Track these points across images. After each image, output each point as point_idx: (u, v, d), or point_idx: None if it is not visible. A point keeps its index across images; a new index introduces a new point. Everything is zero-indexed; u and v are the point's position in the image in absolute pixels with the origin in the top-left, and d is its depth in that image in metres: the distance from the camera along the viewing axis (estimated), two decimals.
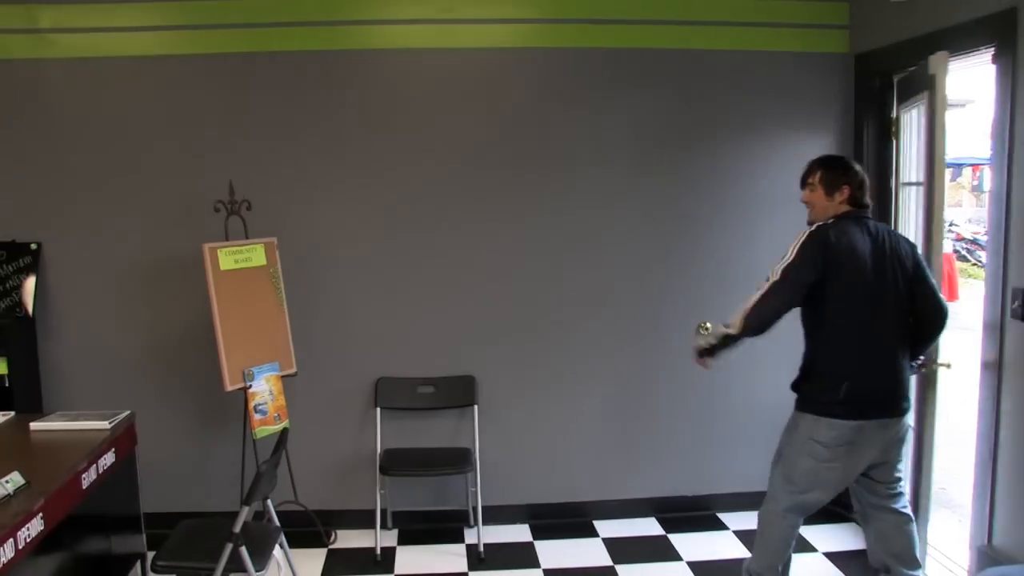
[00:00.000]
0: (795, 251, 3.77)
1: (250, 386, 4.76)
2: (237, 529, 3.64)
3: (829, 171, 3.94)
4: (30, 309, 5.20)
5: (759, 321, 3.83)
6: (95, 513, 3.99)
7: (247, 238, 4.98)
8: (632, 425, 5.44)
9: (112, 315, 5.29)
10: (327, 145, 5.18)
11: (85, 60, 5.17)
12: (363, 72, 5.17)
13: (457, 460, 5.11)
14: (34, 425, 4.33)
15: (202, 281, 4.70)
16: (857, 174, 3.93)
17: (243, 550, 3.66)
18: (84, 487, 3.86)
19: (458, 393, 5.26)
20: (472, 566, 4.89)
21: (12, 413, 4.56)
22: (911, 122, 4.96)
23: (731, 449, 5.50)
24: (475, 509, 5.20)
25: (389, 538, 5.24)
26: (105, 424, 4.23)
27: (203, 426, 5.33)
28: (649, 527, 5.37)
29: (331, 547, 5.16)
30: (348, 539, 5.23)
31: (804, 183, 4.02)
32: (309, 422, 5.23)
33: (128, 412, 4.45)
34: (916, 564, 3.95)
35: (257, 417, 4.79)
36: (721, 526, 5.35)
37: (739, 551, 4.98)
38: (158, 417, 5.15)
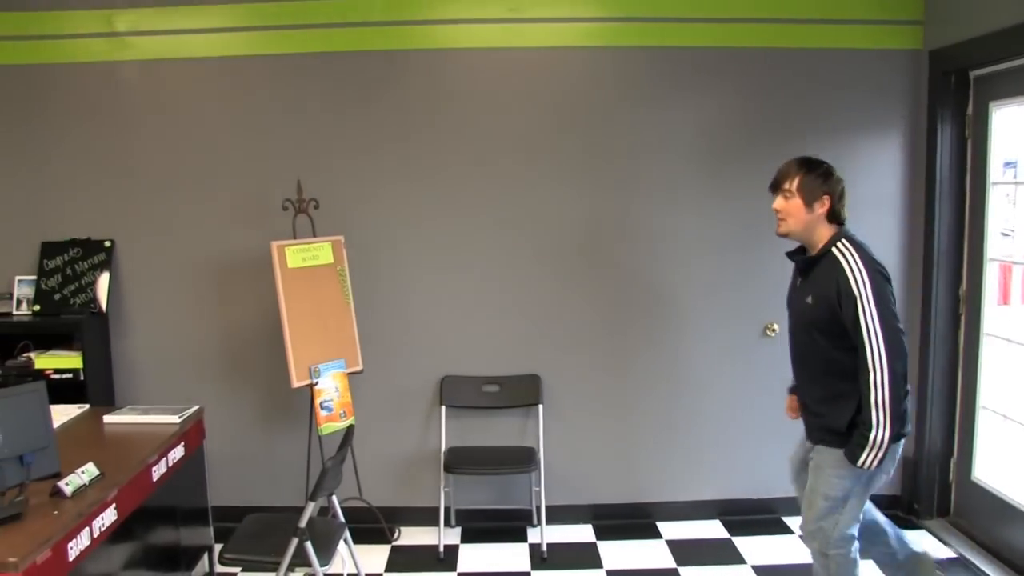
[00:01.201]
0: (873, 298, 3.37)
1: (316, 383, 4.81)
2: (303, 524, 3.68)
3: (809, 176, 3.56)
4: (103, 305, 5.30)
5: (900, 406, 3.38)
6: (165, 505, 4.07)
7: (314, 236, 5.03)
8: (698, 426, 5.40)
9: (182, 312, 5.38)
10: (394, 144, 5.21)
11: (158, 62, 5.27)
12: (429, 72, 5.19)
13: (521, 459, 5.12)
14: (107, 418, 4.43)
15: (270, 279, 4.76)
16: (839, 182, 3.59)
17: (308, 545, 3.70)
18: (154, 479, 3.94)
19: (523, 392, 5.26)
20: (535, 565, 4.89)
21: (87, 406, 4.68)
22: (998, 120, 4.84)
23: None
24: (538, 508, 5.19)
25: (452, 536, 5.26)
26: (175, 419, 4.31)
27: (269, 422, 5.40)
28: (713, 529, 5.33)
29: (394, 544, 5.19)
30: (411, 536, 5.27)
31: (777, 188, 3.64)
32: (374, 419, 5.27)
33: (197, 407, 4.53)
34: None
35: (323, 414, 4.83)
36: (786, 530, 5.29)
37: (805, 555, 4.90)
38: (226, 412, 5.23)
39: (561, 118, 5.20)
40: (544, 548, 5.03)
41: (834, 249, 3.52)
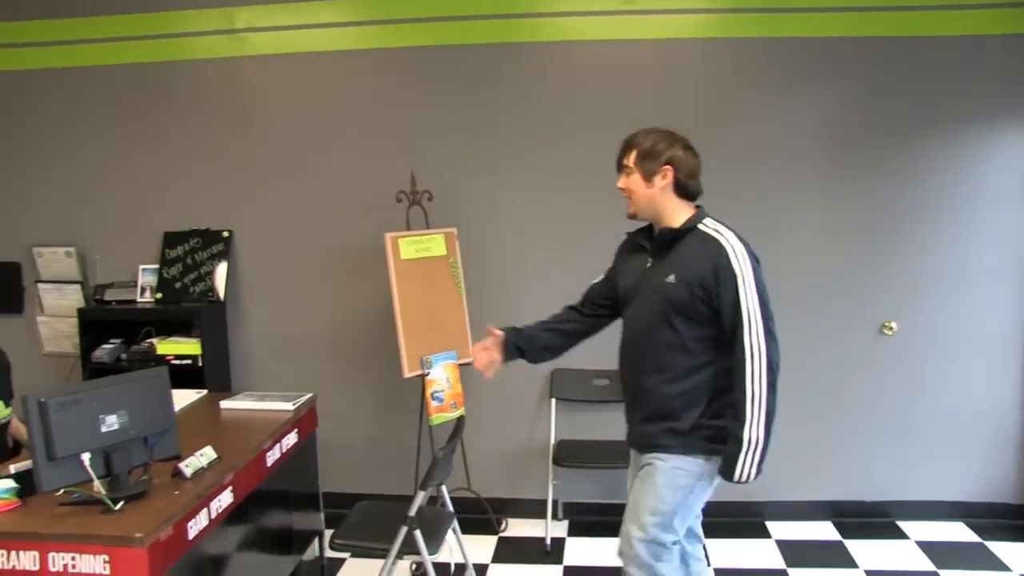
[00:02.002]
0: (753, 281, 3.13)
1: (428, 373, 4.85)
2: (412, 513, 3.72)
3: (646, 147, 3.29)
4: (221, 294, 5.44)
5: (775, 401, 3.07)
6: (278, 490, 4.14)
7: (428, 228, 5.08)
8: (810, 425, 5.28)
9: (297, 301, 5.48)
10: (506, 136, 5.23)
11: (276, 57, 5.40)
12: (542, 65, 5.20)
13: (629, 454, 5.07)
14: (224, 404, 4.54)
15: (383, 270, 4.83)
16: (687, 152, 3.30)
17: (417, 533, 3.73)
18: (268, 464, 4.02)
19: None
20: None
21: (205, 391, 4.80)
22: None
23: (917, 455, 5.30)
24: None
25: (559, 529, 5.27)
26: (289, 406, 4.39)
27: (380, 411, 5.47)
28: (825, 531, 5.22)
29: (501, 535, 5.21)
30: (518, 528, 5.29)
31: (620, 166, 3.39)
32: (484, 411, 5.30)
33: (310, 395, 4.61)
34: None
35: (434, 404, 4.88)
36: (901, 535, 5.15)
37: (922, 562, 4.78)
38: (338, 401, 5.32)
39: (675, 111, 5.12)
40: None
41: (701, 226, 3.24)
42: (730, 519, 5.29)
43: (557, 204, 5.25)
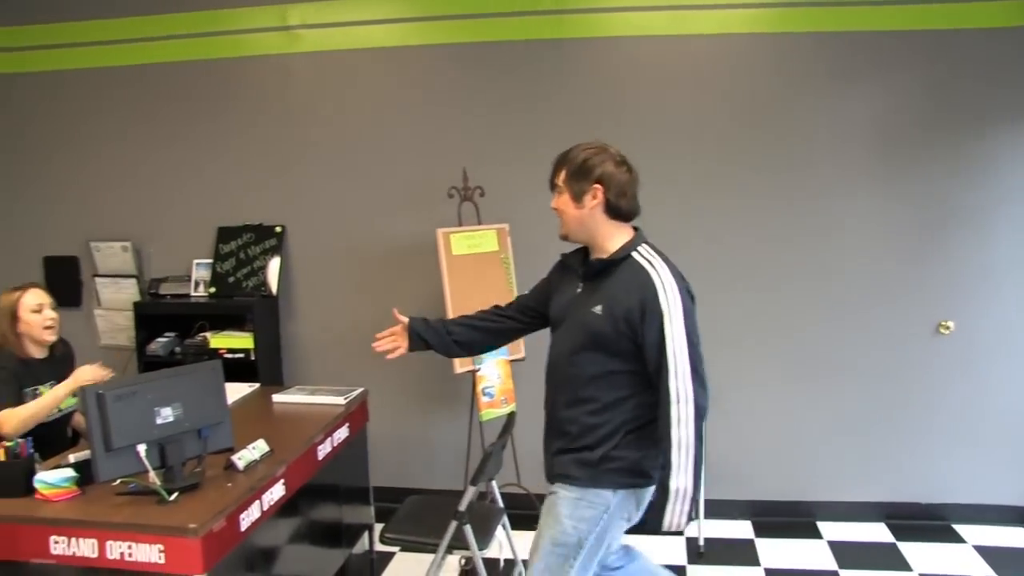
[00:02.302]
0: (682, 320, 2.91)
1: (479, 369, 4.86)
2: (463, 507, 3.71)
3: (575, 166, 3.07)
4: (274, 288, 5.49)
5: (702, 448, 2.93)
6: (329, 483, 4.17)
7: (479, 224, 5.09)
8: (868, 425, 5.22)
9: (348, 295, 5.51)
10: (559, 133, 5.18)
11: (328, 53, 5.44)
12: (595, 61, 5.18)
13: None
14: (276, 397, 4.58)
15: (435, 265, 4.84)
16: (620, 170, 3.06)
17: (467, 528, 3.72)
18: (320, 458, 4.06)
19: None
20: (691, 560, 4.83)
21: (257, 385, 4.85)
22: None
23: (975, 457, 5.20)
24: (697, 502, 5.11)
25: None
26: (340, 400, 4.42)
27: (431, 407, 5.49)
28: (878, 533, 5.15)
29: None
30: None
31: (552, 185, 3.16)
32: (534, 407, 5.23)
33: (361, 389, 4.64)
34: None
35: (484, 400, 4.88)
36: (957, 538, 5.06)
37: (978, 567, 4.69)
38: (389, 396, 5.34)
39: (727, 108, 5.10)
40: (701, 542, 4.95)
41: (635, 255, 3.03)
42: (781, 519, 5.26)
43: None
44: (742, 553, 4.90)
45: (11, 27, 5.91)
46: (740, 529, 5.20)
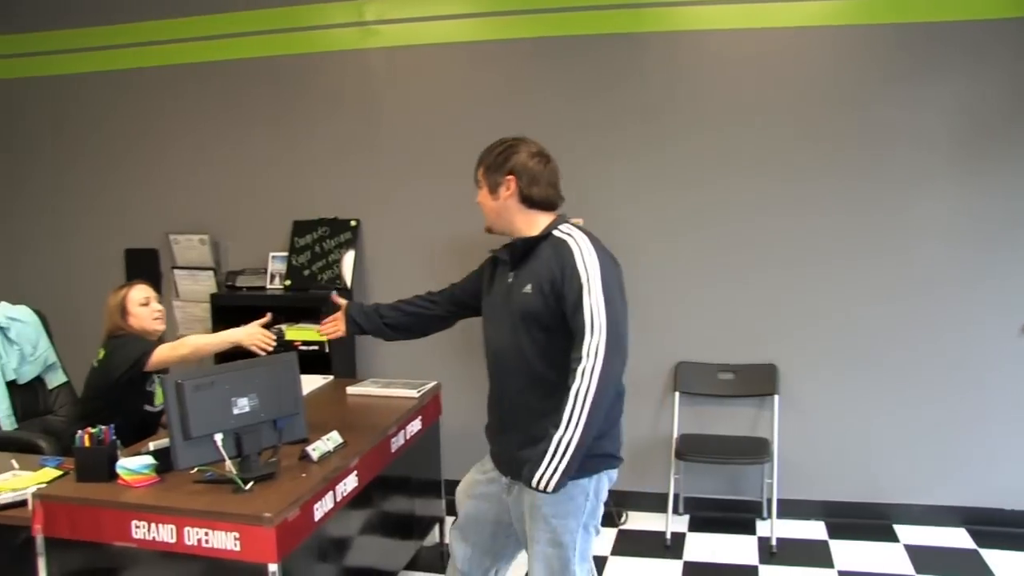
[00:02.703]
0: (600, 283, 2.90)
1: None
2: None
3: (488, 159, 3.16)
4: (348, 281, 5.54)
5: (601, 411, 2.86)
6: (401, 476, 4.20)
7: None
8: (946, 427, 5.09)
9: (421, 290, 5.47)
10: (629, 127, 5.18)
11: (403, 48, 5.48)
12: (668, 55, 5.14)
13: (754, 450, 5.00)
14: (350, 389, 4.63)
15: None
16: (532, 157, 3.11)
17: None
18: (393, 451, 4.08)
19: (759, 381, 5.14)
20: (763, 559, 4.77)
21: (331, 377, 4.90)
22: None
23: None
24: (769, 501, 5.07)
25: (680, 523, 5.22)
26: (414, 393, 4.45)
27: None
28: (957, 538, 5.01)
29: (621, 527, 5.20)
30: (638, 521, 5.26)
31: (476, 181, 3.23)
32: None
33: (435, 383, 4.66)
34: None
35: None
36: None
37: None
38: (461, 389, 5.32)
39: (806, 102, 5.02)
40: (774, 542, 4.89)
41: (555, 232, 3.06)
42: (855, 520, 5.16)
43: (682, 197, 5.18)
44: (815, 554, 4.82)
45: (88, 28, 6.06)
46: (813, 530, 5.12)
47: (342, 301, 3.72)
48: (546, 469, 2.82)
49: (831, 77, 5.00)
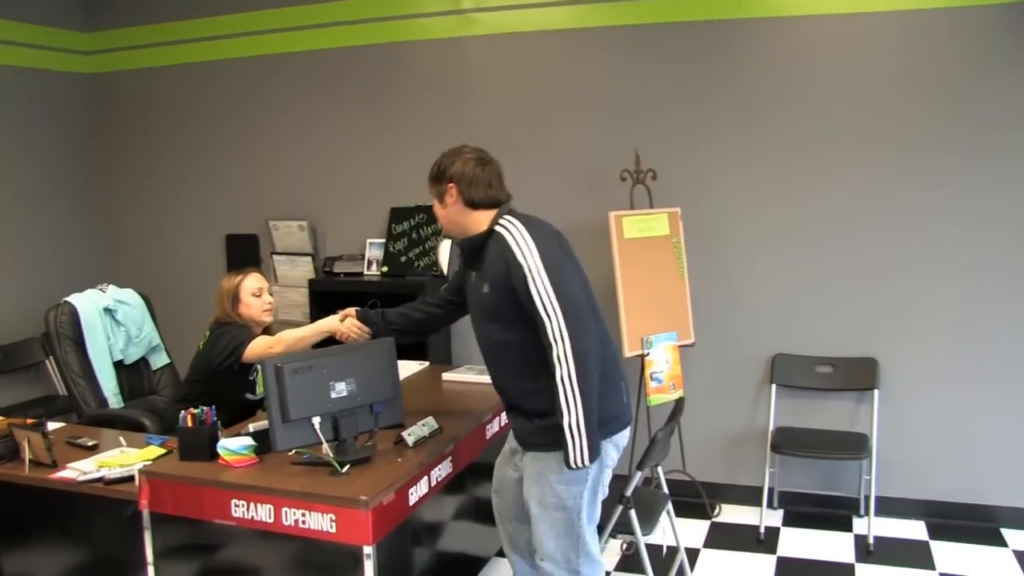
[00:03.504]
0: (540, 265, 3.03)
1: (648, 353, 4.82)
2: (628, 492, 3.70)
3: (433, 172, 3.36)
4: (445, 268, 5.55)
5: (589, 384, 2.99)
6: (494, 463, 4.20)
7: (651, 207, 5.04)
8: None
9: None
10: (733, 116, 5.10)
11: (500, 36, 5.48)
12: (772, 41, 5.03)
13: (852, 445, 4.88)
14: (446, 375, 4.65)
15: (605, 248, 4.81)
16: (466, 165, 3.29)
17: (632, 513, 3.70)
18: (488, 437, 4.10)
19: (858, 376, 5.01)
20: (860, 558, 4.66)
21: (427, 363, 4.93)
22: None
23: None
24: (867, 498, 4.95)
25: (774, 518, 5.13)
26: None
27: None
28: None
29: (714, 520, 5.14)
30: (731, 514, 5.19)
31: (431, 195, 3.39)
32: (702, 393, 5.21)
33: None
34: None
35: (653, 385, 4.84)
36: None
37: None
38: None
39: (912, 88, 4.86)
40: (871, 540, 4.77)
41: (497, 227, 3.20)
42: (958, 521, 4.99)
43: (784, 185, 5.08)
44: (915, 555, 4.68)
45: (188, 20, 6.21)
46: (913, 529, 4.97)
47: (351, 310, 3.91)
48: (574, 451, 2.97)
49: (937, 64, 4.81)
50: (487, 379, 4.42)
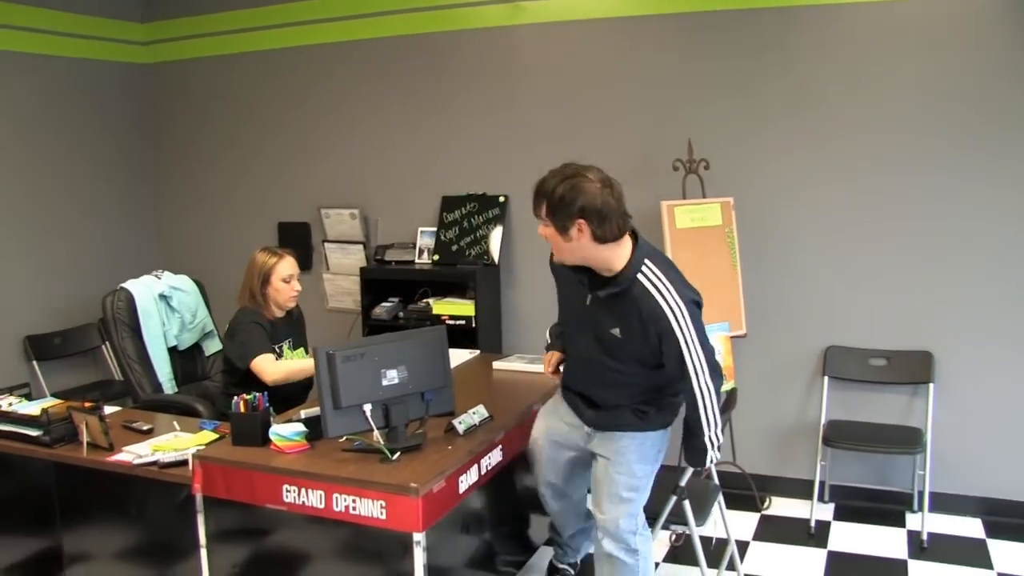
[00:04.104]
0: (695, 333, 3.19)
1: None
2: (683, 483, 3.67)
3: (555, 201, 3.13)
4: (496, 257, 5.57)
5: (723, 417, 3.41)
6: None
7: (704, 197, 5.00)
8: None
9: None
10: (786, 104, 5.04)
11: (551, 24, 5.46)
12: (825, 27, 4.94)
13: (906, 439, 4.81)
14: (496, 364, 4.66)
15: (658, 238, 4.78)
16: (595, 196, 3.08)
17: (686, 504, 3.68)
18: None
19: (913, 369, 4.92)
20: (913, 554, 4.58)
21: (477, 351, 4.94)
22: None
23: None
24: (921, 494, 4.88)
25: (824, 511, 5.07)
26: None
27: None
28: None
29: (764, 512, 5.09)
30: (781, 507, 5.14)
31: (536, 214, 3.26)
32: (753, 384, 5.17)
33: None
34: None
35: None
36: None
37: None
38: None
39: (972, 75, 4.75)
40: (924, 537, 4.69)
41: (640, 276, 3.16)
42: (1018, 520, 4.86)
43: (838, 175, 5.00)
44: (971, 553, 4.59)
45: (240, 9, 6.28)
46: (969, 527, 4.87)
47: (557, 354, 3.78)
48: (711, 454, 3.36)
49: (1000, 49, 4.68)
50: (537, 368, 4.47)
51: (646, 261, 3.20)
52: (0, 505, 3.97)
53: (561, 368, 3.71)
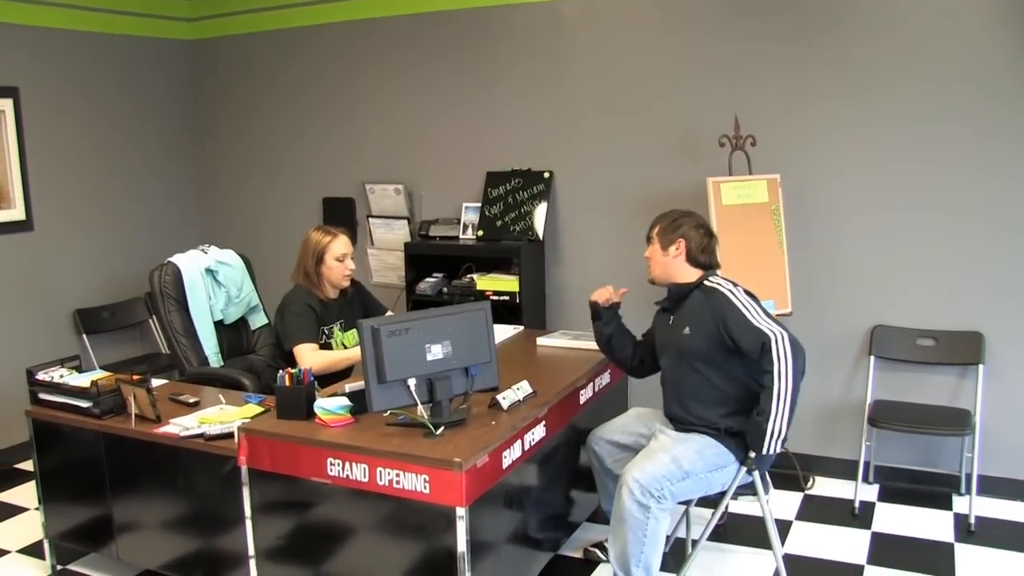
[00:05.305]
0: (754, 303, 3.64)
1: None
2: (753, 454, 3.64)
3: (665, 223, 3.85)
4: (540, 233, 5.55)
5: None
6: (588, 428, 4.17)
7: (750, 174, 4.96)
8: None
9: (613, 243, 5.51)
10: (833, 80, 4.97)
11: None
12: (879, 10, 4.86)
13: (954, 421, 4.75)
14: (540, 340, 4.66)
15: (704, 214, 4.73)
16: (700, 231, 3.81)
17: (756, 474, 3.69)
18: (581, 403, 4.10)
19: (962, 350, 4.85)
20: (960, 538, 4.52)
21: (521, 327, 4.95)
22: None
23: None
24: (969, 476, 4.82)
25: (868, 492, 5.03)
26: None
27: None
28: None
29: (807, 492, 5.06)
30: (825, 487, 5.11)
31: (648, 237, 3.91)
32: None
33: None
34: None
35: None
36: None
37: None
38: None
39: (1020, 62, 4.68)
40: (972, 520, 4.62)
41: (706, 282, 3.74)
42: None
43: (886, 151, 4.92)
44: (1020, 537, 4.50)
45: None
46: (1017, 511, 4.80)
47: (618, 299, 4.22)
48: (770, 441, 3.52)
49: None
50: (581, 344, 4.49)
51: (713, 276, 3.78)
52: (52, 474, 4.05)
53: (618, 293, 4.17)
